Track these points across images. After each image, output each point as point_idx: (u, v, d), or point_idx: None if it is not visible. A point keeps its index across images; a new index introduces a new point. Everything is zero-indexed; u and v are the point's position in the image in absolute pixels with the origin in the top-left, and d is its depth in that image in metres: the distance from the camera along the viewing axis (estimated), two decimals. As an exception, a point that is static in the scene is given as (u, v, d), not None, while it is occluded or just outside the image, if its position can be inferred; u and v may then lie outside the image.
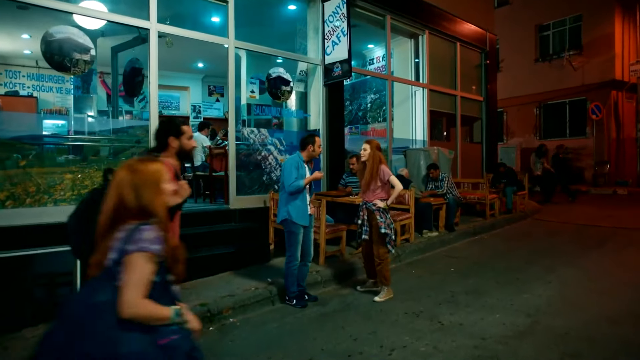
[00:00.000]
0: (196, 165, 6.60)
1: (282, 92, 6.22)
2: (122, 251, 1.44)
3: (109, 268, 1.46)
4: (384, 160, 4.24)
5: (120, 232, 1.48)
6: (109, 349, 1.33)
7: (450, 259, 5.80)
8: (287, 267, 4.12)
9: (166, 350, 1.41)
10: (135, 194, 1.50)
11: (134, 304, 1.38)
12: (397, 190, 4.11)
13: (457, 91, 9.55)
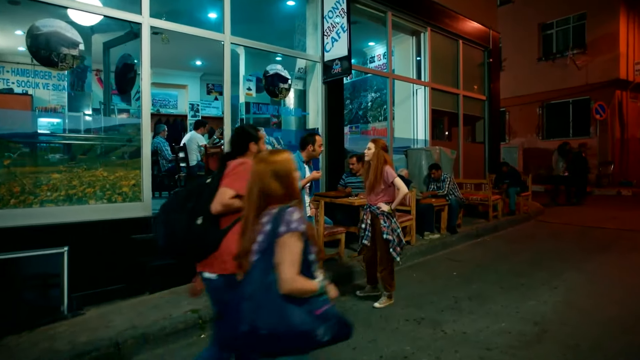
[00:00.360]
0: (191, 165, 6.43)
1: (279, 89, 6.04)
2: (273, 233, 1.59)
3: (263, 250, 1.61)
4: (389, 161, 4.05)
5: (265, 217, 1.66)
6: (280, 320, 1.51)
7: (453, 262, 5.62)
8: None
9: (323, 319, 1.55)
10: (278, 181, 1.69)
11: (292, 280, 1.54)
12: (402, 194, 3.92)
13: (460, 90, 9.37)
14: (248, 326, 1.53)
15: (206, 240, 2.16)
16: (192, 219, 2.14)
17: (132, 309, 3.84)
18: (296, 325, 1.52)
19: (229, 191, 2.15)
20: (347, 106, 10.55)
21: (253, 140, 2.52)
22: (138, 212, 4.58)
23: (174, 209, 2.21)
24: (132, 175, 4.59)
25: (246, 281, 1.65)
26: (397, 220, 4.09)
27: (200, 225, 2.13)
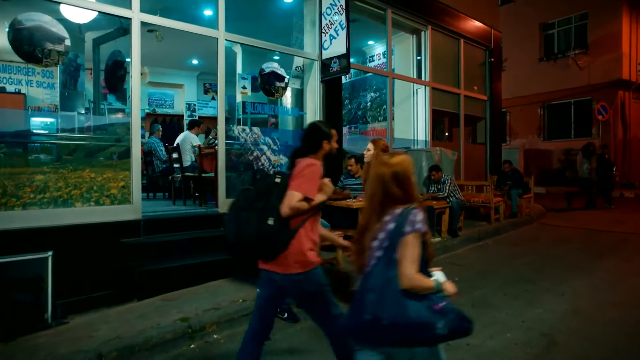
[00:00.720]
0: (185, 165, 6.24)
1: (276, 88, 5.86)
2: (397, 232, 1.68)
3: (385, 246, 1.70)
4: None
5: (388, 216, 1.75)
6: (400, 311, 1.59)
7: (454, 267, 5.44)
8: None
9: (442, 313, 1.61)
10: (398, 184, 1.76)
11: (412, 277, 1.62)
12: None
13: (461, 90, 9.19)
14: (370, 316, 1.63)
15: (277, 241, 2.18)
16: (263, 219, 2.15)
17: (118, 317, 3.66)
18: (415, 317, 1.60)
19: (297, 194, 2.17)
20: (346, 106, 10.38)
21: (326, 138, 2.49)
22: (127, 215, 4.40)
23: (245, 208, 2.22)
24: (121, 176, 4.41)
25: (369, 274, 1.74)
26: None
27: (272, 226, 2.15)
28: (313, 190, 2.23)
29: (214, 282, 4.46)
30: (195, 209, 5.53)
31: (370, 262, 1.74)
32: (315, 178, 2.26)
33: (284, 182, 2.24)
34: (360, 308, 1.68)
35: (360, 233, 1.83)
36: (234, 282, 4.44)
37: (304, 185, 2.20)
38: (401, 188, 1.77)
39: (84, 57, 8.16)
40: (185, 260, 4.43)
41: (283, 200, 2.17)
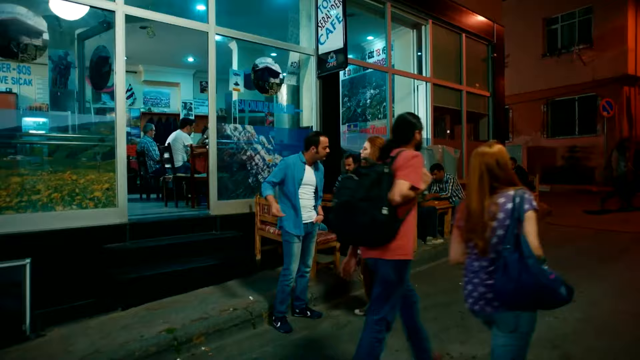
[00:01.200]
0: (177, 165, 6.01)
1: (270, 84, 5.62)
2: (517, 210, 1.87)
3: (507, 225, 1.89)
4: None
5: (501, 198, 1.93)
6: (536, 279, 1.78)
7: (458, 271, 5.14)
8: (280, 281, 3.62)
9: (558, 281, 1.81)
10: (501, 169, 1.97)
11: (538, 247, 1.84)
12: None
13: (463, 86, 8.93)
14: (514, 284, 1.81)
15: (389, 229, 2.30)
16: (378, 208, 2.25)
17: (99, 328, 3.42)
18: (547, 283, 1.79)
19: (407, 183, 2.27)
20: (345, 104, 10.13)
21: (417, 128, 2.58)
22: (112, 218, 4.17)
23: (358, 197, 2.29)
24: (106, 178, 4.17)
25: (496, 250, 1.93)
26: None
27: (386, 215, 2.25)
28: (419, 179, 2.34)
29: (204, 288, 4.22)
30: (187, 211, 5.31)
31: (490, 239, 1.94)
32: (420, 168, 2.37)
33: (392, 172, 2.33)
34: (499, 277, 1.88)
35: (473, 215, 1.97)
36: (225, 289, 4.21)
37: (412, 174, 2.31)
38: (504, 171, 1.98)
39: (75, 55, 7.95)
40: (174, 266, 4.20)
41: (392, 189, 2.27)
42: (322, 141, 3.61)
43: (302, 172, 3.62)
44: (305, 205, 3.66)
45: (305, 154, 3.66)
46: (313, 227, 3.77)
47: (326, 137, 3.63)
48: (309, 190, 3.71)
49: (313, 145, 3.61)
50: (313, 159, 3.67)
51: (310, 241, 3.79)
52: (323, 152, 3.63)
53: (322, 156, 3.66)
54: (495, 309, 1.95)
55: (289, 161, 3.62)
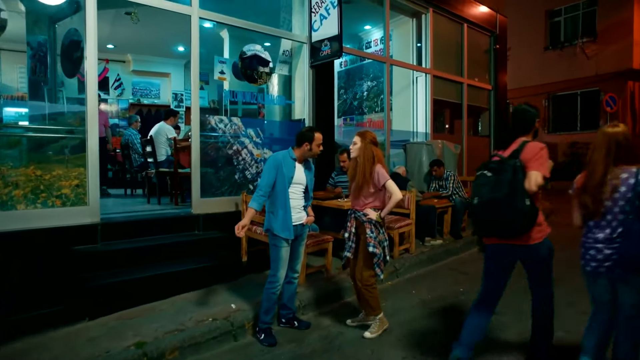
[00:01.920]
0: (160, 160, 5.63)
1: (259, 73, 5.24)
2: (638, 184, 2.17)
3: (628, 197, 2.19)
4: (381, 158, 3.28)
5: (624, 174, 2.21)
6: None
7: (458, 275, 4.87)
8: (266, 288, 3.28)
9: None
10: (622, 146, 2.25)
11: None
12: (394, 200, 3.16)
13: (464, 78, 8.57)
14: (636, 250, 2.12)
15: (532, 217, 2.42)
16: (521, 200, 2.36)
17: (63, 341, 3.08)
18: None
19: (540, 174, 2.37)
20: (342, 96, 9.76)
21: (538, 118, 2.68)
22: (82, 218, 3.81)
23: (504, 193, 2.40)
24: (75, 173, 3.81)
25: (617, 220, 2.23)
26: (384, 230, 3.34)
27: (529, 205, 2.36)
28: (547, 169, 2.45)
29: (183, 294, 3.88)
30: (168, 210, 4.95)
31: (604, 204, 2.24)
32: (547, 158, 2.46)
33: (523, 165, 2.41)
34: (623, 244, 2.19)
35: (595, 187, 2.25)
36: (206, 295, 3.87)
37: (543, 166, 2.41)
38: (628, 148, 2.22)
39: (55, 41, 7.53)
40: (151, 270, 3.85)
41: (528, 180, 2.36)
42: (317, 138, 3.26)
43: (293, 169, 3.27)
44: (294, 205, 3.31)
45: (297, 150, 3.31)
46: (303, 229, 3.43)
47: (321, 134, 3.28)
48: (299, 190, 3.35)
49: (306, 141, 3.26)
50: (304, 156, 3.32)
51: (299, 244, 3.45)
52: (317, 149, 3.28)
53: (314, 154, 3.30)
54: (624, 270, 2.19)
55: (278, 157, 3.26)
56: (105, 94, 10.47)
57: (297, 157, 3.30)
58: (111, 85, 10.65)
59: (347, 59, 9.69)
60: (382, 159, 3.31)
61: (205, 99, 11.58)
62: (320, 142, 3.28)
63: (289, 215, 3.24)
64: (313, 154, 3.28)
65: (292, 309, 3.54)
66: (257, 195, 3.18)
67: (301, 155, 3.30)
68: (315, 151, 3.27)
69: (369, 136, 3.30)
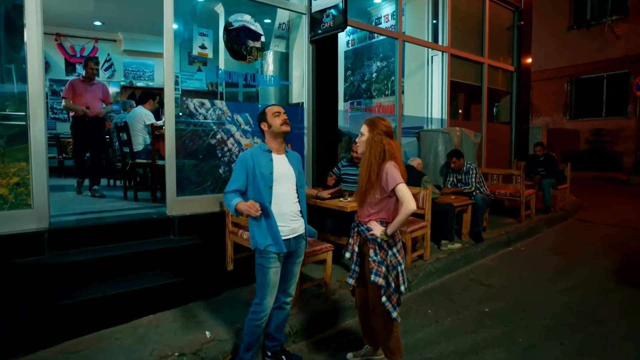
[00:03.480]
0: (136, 149, 4.91)
1: (248, 49, 4.47)
2: None
3: None
4: (394, 153, 2.48)
5: None
6: None
7: (481, 288, 4.12)
8: (248, 319, 2.55)
9: None
10: None
11: None
12: (404, 212, 2.35)
13: (485, 58, 7.69)
14: None
15: None
16: None
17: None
18: None
19: None
20: (348, 78, 8.92)
21: None
22: (25, 223, 3.13)
23: None
24: (14, 170, 3.10)
25: None
26: (400, 248, 2.56)
27: None
28: None
29: (150, 317, 3.19)
30: (140, 209, 4.25)
31: None
32: None
33: None
34: None
35: None
36: (178, 318, 3.18)
37: None
38: None
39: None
40: (111, 287, 3.16)
41: None
42: (268, 110, 2.56)
43: (270, 163, 2.52)
44: (285, 211, 2.57)
45: (265, 139, 2.60)
46: (298, 243, 2.69)
47: (274, 105, 2.57)
48: (289, 188, 2.60)
49: (262, 122, 2.55)
50: (275, 138, 2.57)
51: (294, 262, 2.71)
52: (277, 121, 2.52)
53: (280, 129, 2.53)
54: None
55: (246, 155, 2.52)
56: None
57: (271, 147, 2.56)
58: (101, 66, 9.93)
59: (354, 37, 8.83)
60: (398, 154, 2.52)
61: (202, 82, 10.82)
62: (276, 112, 2.54)
63: (275, 224, 2.51)
64: (278, 130, 2.53)
65: (281, 340, 2.82)
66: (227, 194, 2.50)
67: (272, 140, 2.56)
68: (277, 124, 2.52)
69: (381, 125, 2.51)
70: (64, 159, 7.99)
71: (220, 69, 5.10)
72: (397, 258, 2.48)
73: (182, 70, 10.72)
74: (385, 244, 2.45)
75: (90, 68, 5.15)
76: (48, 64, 9.38)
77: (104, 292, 3.09)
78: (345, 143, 5.69)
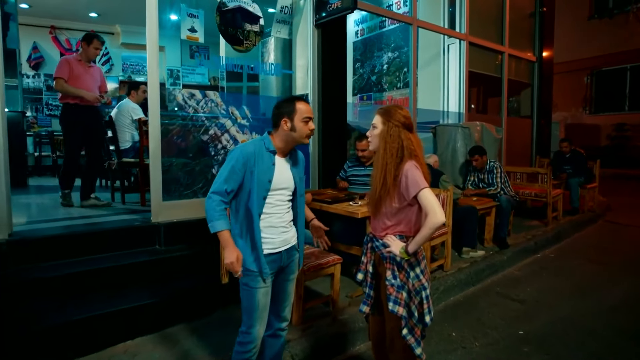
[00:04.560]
0: (123, 147, 4.45)
1: (245, 33, 3.97)
2: None
3: None
4: (415, 150, 1.98)
5: None
6: None
7: (511, 304, 3.60)
8: (235, 350, 2.08)
9: None
10: None
11: None
12: (430, 225, 1.84)
13: (505, 47, 7.11)
14: None
15: None
16: None
17: None
18: None
19: None
20: (357, 70, 8.38)
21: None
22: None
23: None
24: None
25: None
26: (424, 267, 2.04)
27: None
28: None
29: (127, 342, 2.73)
30: (123, 215, 3.78)
31: None
32: None
33: None
34: None
35: None
36: (161, 344, 2.72)
37: None
38: None
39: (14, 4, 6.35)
40: (80, 309, 2.70)
41: None
42: (301, 109, 2.02)
43: (271, 168, 2.03)
44: (276, 223, 2.09)
45: (275, 135, 2.09)
46: (291, 256, 2.20)
47: (308, 105, 2.04)
48: (283, 198, 2.12)
49: (285, 116, 2.03)
50: (288, 143, 2.08)
51: (287, 279, 2.22)
52: (304, 129, 2.03)
53: (302, 136, 2.05)
54: None
55: (248, 150, 2.03)
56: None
57: (277, 148, 2.07)
58: (98, 60, 9.52)
59: (363, 26, 8.29)
60: (419, 152, 2.02)
61: (205, 76, 10.36)
62: (309, 117, 2.03)
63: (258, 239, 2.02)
64: (300, 136, 2.03)
65: (275, 376, 2.34)
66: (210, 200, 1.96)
67: (283, 142, 2.06)
68: (303, 131, 2.02)
69: (398, 115, 2.01)
70: (58, 157, 7.59)
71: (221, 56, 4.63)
72: (420, 281, 1.98)
73: (184, 64, 10.32)
74: (406, 264, 1.95)
75: (95, 47, 4.27)
76: (42, 58, 8.99)
77: (73, 316, 2.62)
78: (354, 139, 5.19)
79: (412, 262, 1.97)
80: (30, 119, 8.71)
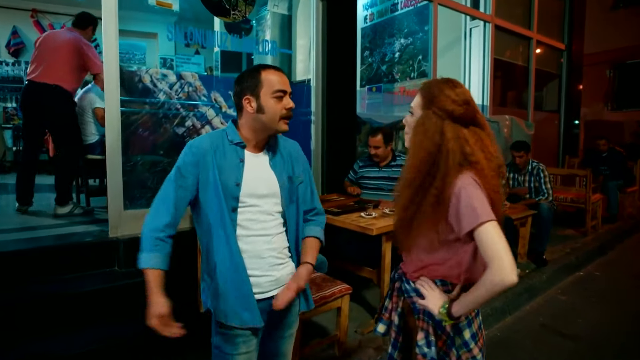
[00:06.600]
0: (89, 142, 3.72)
1: (232, 2, 3.23)
2: None
3: None
4: (477, 155, 1.20)
5: None
6: None
7: (561, 342, 2.86)
8: None
9: None
10: None
11: None
12: (493, 283, 1.05)
13: (533, 32, 6.33)
14: None
15: None
16: None
17: None
18: None
19: None
20: (366, 59, 7.63)
21: None
22: None
23: None
24: None
25: None
26: (477, 329, 1.30)
27: None
28: None
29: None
30: (80, 225, 3.05)
31: None
32: None
33: None
34: None
35: None
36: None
37: None
38: None
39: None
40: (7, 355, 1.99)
41: None
42: (269, 81, 1.33)
43: (238, 167, 1.33)
44: (263, 251, 1.38)
45: (240, 122, 1.37)
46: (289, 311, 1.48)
47: (281, 73, 1.33)
48: (269, 210, 1.39)
49: (247, 93, 1.34)
50: (257, 131, 1.37)
51: (282, 336, 1.52)
52: (277, 109, 1.32)
53: (275, 121, 1.33)
54: None
55: (199, 145, 1.32)
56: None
57: (245, 139, 1.36)
58: (91, 48, 8.82)
59: (373, 10, 7.54)
60: (482, 156, 1.24)
61: (200, 66, 9.64)
62: (281, 90, 1.31)
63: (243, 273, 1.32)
64: (271, 119, 1.32)
65: None
66: (150, 236, 1.30)
67: (251, 130, 1.36)
68: (276, 112, 1.31)
69: (442, 98, 1.23)
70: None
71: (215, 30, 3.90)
72: (471, 352, 1.25)
73: (178, 52, 9.60)
74: (450, 325, 1.22)
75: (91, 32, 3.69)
76: (23, 44, 8.29)
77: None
78: (364, 135, 4.45)
79: (461, 325, 1.24)
80: (10, 111, 8.06)
